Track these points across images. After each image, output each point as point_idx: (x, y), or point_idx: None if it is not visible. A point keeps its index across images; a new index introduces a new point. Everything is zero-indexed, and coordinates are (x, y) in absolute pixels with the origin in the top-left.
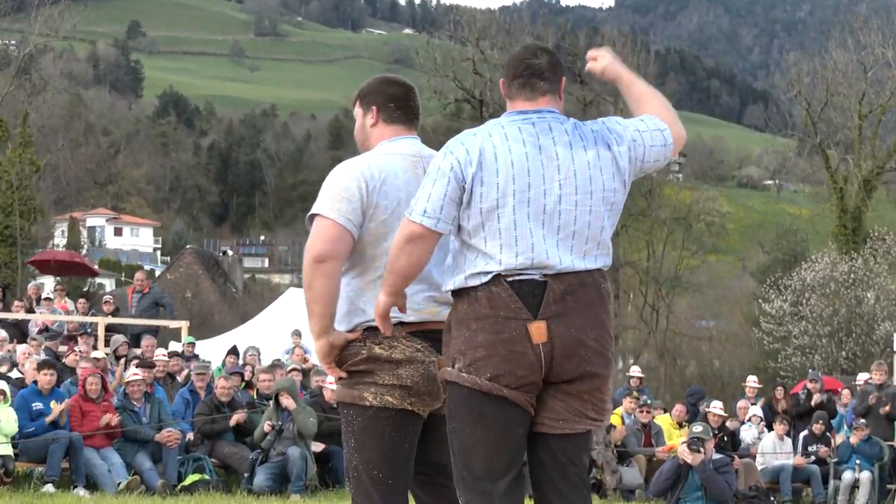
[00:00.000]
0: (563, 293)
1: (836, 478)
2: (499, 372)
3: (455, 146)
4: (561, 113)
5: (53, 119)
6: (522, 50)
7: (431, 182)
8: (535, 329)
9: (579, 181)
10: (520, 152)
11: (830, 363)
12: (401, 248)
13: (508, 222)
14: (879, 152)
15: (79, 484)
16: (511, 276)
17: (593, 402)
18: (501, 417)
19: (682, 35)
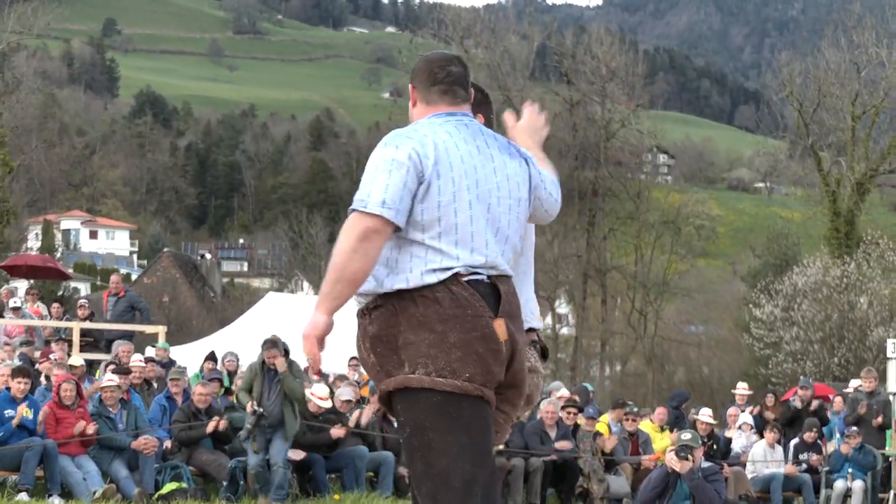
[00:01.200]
0: (509, 294)
1: (828, 487)
2: (475, 371)
3: (402, 139)
4: None
5: (27, 119)
6: (439, 57)
7: (386, 173)
8: (498, 326)
9: (511, 186)
10: (465, 149)
11: (822, 370)
12: (354, 248)
13: (465, 217)
14: (873, 154)
15: (53, 492)
16: (467, 274)
17: (510, 415)
18: (481, 418)
19: (671, 34)
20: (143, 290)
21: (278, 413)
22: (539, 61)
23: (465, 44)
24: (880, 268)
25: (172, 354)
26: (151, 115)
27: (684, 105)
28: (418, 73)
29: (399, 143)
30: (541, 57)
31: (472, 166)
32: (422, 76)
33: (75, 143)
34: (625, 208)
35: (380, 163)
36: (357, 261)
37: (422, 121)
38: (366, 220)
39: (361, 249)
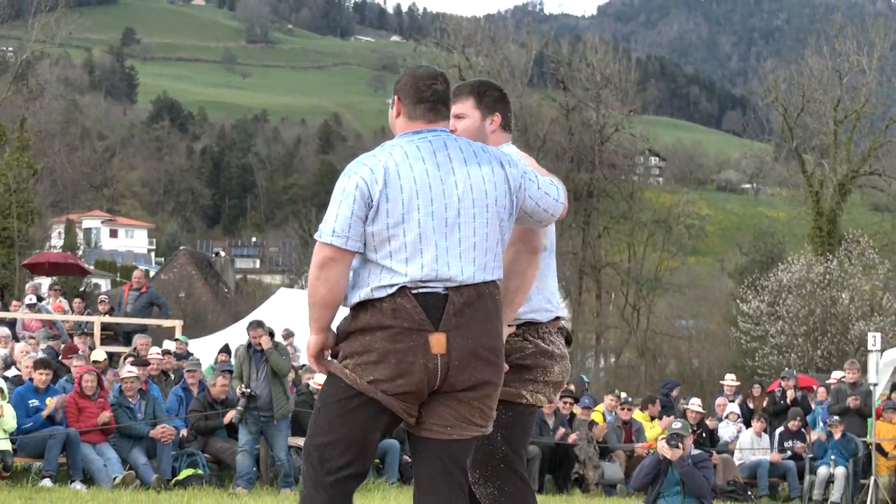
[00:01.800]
0: (463, 306)
1: (812, 473)
2: (381, 377)
3: (358, 167)
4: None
5: (50, 124)
6: (425, 74)
7: (337, 203)
8: (435, 340)
9: (476, 195)
10: (421, 169)
11: (806, 362)
12: (316, 276)
13: (414, 236)
14: (854, 157)
15: (76, 478)
16: (416, 288)
17: (481, 410)
18: (365, 419)
19: (662, 43)
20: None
21: (267, 394)
22: (537, 68)
23: (466, 52)
24: (861, 265)
25: (188, 347)
26: (168, 120)
27: (675, 110)
28: (405, 87)
29: (352, 174)
30: (538, 64)
31: (426, 185)
32: (408, 91)
33: (96, 146)
34: (618, 208)
35: (336, 194)
36: (321, 287)
37: (387, 143)
38: (322, 250)
39: (323, 276)
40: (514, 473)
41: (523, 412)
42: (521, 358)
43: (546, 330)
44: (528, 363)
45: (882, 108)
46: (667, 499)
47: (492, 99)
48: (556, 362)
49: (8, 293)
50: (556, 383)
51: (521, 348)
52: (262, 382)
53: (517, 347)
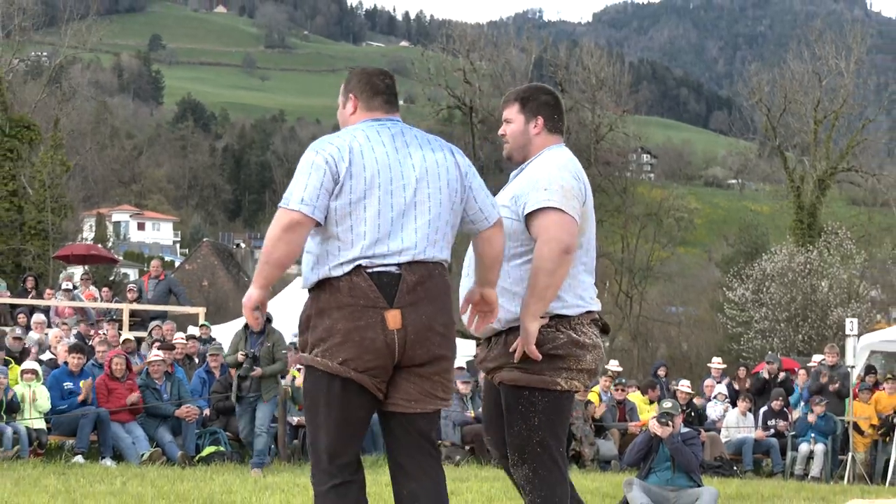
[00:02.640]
0: (416, 284)
1: (794, 449)
2: (349, 356)
3: (325, 145)
4: None
5: (82, 124)
6: (376, 71)
7: (306, 175)
8: (390, 317)
9: (430, 177)
10: (382, 151)
11: (788, 345)
12: (279, 237)
13: (374, 211)
14: (833, 154)
15: (106, 455)
16: (371, 267)
17: (442, 384)
18: (346, 398)
19: (653, 47)
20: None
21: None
22: (536, 72)
23: (470, 56)
24: (839, 255)
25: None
26: (192, 121)
27: (665, 111)
28: (359, 84)
29: (319, 149)
30: (538, 68)
31: (386, 165)
32: (363, 87)
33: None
34: (612, 202)
35: (303, 166)
36: (281, 248)
37: (349, 127)
38: (288, 215)
39: (286, 238)
40: (549, 457)
41: (559, 398)
42: (553, 348)
43: (578, 322)
44: (561, 353)
45: (859, 108)
46: (658, 474)
47: (536, 103)
48: (588, 351)
49: (42, 282)
50: (590, 370)
51: (554, 339)
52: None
53: (549, 338)
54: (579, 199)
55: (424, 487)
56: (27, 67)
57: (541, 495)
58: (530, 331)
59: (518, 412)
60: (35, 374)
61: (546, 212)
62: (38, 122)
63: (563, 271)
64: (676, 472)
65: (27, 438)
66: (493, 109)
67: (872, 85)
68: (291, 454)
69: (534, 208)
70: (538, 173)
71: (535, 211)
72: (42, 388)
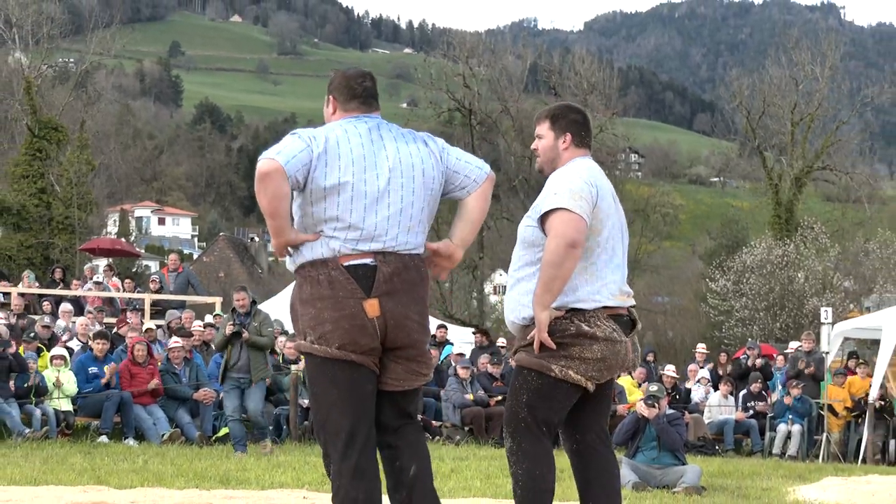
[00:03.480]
0: (391, 275)
1: (772, 430)
2: (344, 341)
3: (303, 132)
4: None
5: (106, 126)
6: (355, 73)
7: (291, 141)
8: (368, 306)
9: (404, 167)
10: (357, 143)
11: (766, 333)
12: (258, 189)
13: (347, 197)
14: (808, 154)
15: (129, 435)
16: (347, 260)
17: (424, 363)
18: (351, 378)
19: (641, 54)
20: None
21: (246, 358)
22: (531, 77)
23: (469, 62)
24: (815, 248)
25: None
26: (209, 123)
27: (652, 113)
28: (339, 87)
29: (298, 132)
30: (533, 73)
31: (360, 155)
32: (342, 89)
33: (146, 145)
34: None
35: (288, 137)
36: (263, 198)
37: (328, 124)
38: (261, 164)
39: (261, 188)
40: (532, 434)
41: (552, 384)
42: (560, 336)
43: (593, 315)
44: (566, 342)
45: (833, 111)
46: (644, 453)
47: (565, 121)
48: (597, 342)
49: (69, 274)
50: (597, 360)
51: (564, 329)
52: (242, 347)
53: (560, 328)
54: (589, 202)
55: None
56: (55, 73)
57: (522, 467)
58: (541, 319)
59: (514, 389)
60: (63, 360)
61: (555, 212)
62: (65, 124)
63: (571, 265)
64: (662, 451)
65: (55, 420)
66: (491, 112)
67: (845, 89)
68: (302, 434)
69: (544, 210)
70: (552, 181)
71: (546, 213)
72: (69, 373)
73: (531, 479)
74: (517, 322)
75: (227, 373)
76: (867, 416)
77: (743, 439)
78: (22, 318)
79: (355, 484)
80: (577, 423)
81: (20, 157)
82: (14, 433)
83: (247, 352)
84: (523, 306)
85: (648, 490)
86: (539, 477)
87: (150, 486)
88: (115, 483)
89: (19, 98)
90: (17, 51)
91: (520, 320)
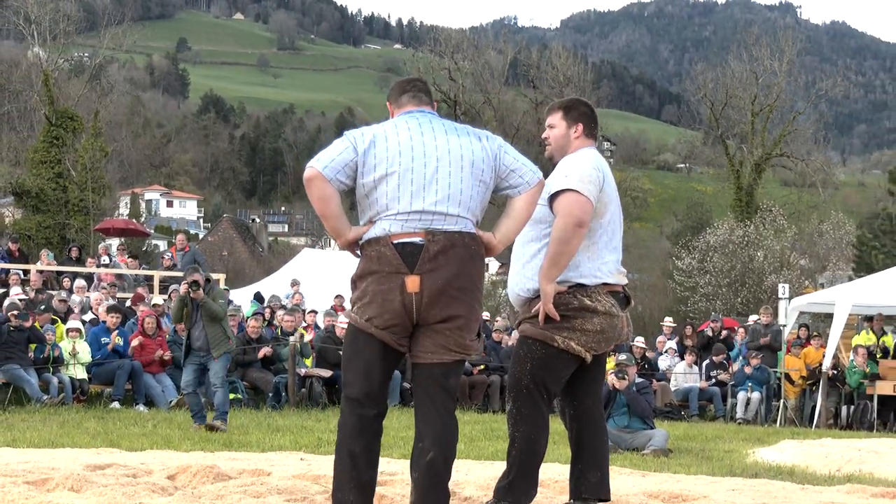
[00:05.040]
0: (437, 253)
1: (733, 397)
2: (373, 315)
3: (352, 130)
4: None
5: (118, 115)
6: (407, 79)
7: (333, 147)
8: (409, 281)
9: (452, 157)
10: (406, 136)
11: (728, 307)
12: (309, 195)
13: (394, 185)
14: (767, 142)
15: (139, 402)
16: (397, 238)
17: (454, 338)
18: (369, 350)
19: (613, 50)
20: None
21: (204, 336)
22: (511, 71)
23: (454, 57)
24: (773, 229)
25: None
26: (214, 113)
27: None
28: (393, 92)
29: (346, 133)
30: (513, 67)
31: (408, 147)
32: (395, 92)
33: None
34: None
35: (332, 145)
36: (315, 203)
37: (387, 121)
38: (306, 171)
39: (311, 193)
40: (532, 400)
41: (555, 354)
42: (564, 309)
43: (594, 291)
44: (569, 314)
45: (790, 103)
46: (615, 419)
47: (577, 112)
48: (597, 315)
49: (84, 252)
50: (597, 332)
51: (567, 303)
52: (199, 325)
53: (563, 302)
54: (596, 185)
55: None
56: (71, 66)
57: (520, 430)
58: (547, 291)
59: (518, 357)
60: (78, 332)
61: (564, 192)
62: (80, 114)
63: (577, 242)
64: (632, 417)
65: (71, 387)
66: (475, 103)
67: (801, 83)
68: (300, 401)
69: (554, 191)
70: (563, 165)
71: (556, 193)
72: (84, 344)
73: (527, 442)
74: (522, 294)
75: (190, 352)
76: (821, 384)
77: (706, 405)
78: (40, 294)
79: (353, 440)
80: (576, 391)
81: (39, 144)
82: (33, 399)
83: (203, 330)
84: (528, 279)
85: (619, 452)
86: (534, 440)
87: (159, 449)
88: (127, 446)
89: (38, 90)
90: (36, 46)
91: (524, 292)
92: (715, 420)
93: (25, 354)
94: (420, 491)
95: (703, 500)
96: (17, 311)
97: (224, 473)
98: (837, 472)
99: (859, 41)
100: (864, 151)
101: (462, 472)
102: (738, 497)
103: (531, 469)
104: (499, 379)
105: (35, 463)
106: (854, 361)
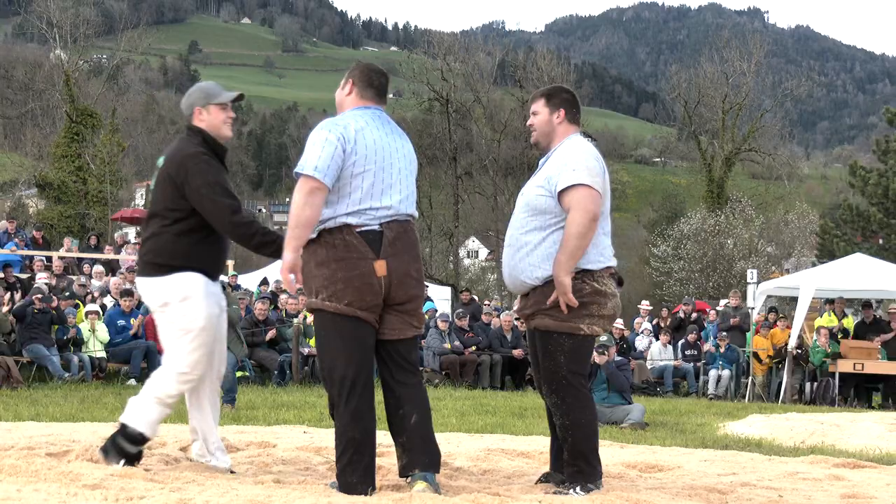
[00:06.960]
0: (394, 239)
1: (705, 374)
2: (353, 299)
3: (335, 126)
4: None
5: (134, 113)
6: (375, 68)
7: (319, 147)
8: (378, 266)
9: (406, 160)
10: (375, 135)
11: (701, 291)
12: (304, 202)
13: (369, 183)
14: (737, 138)
15: None
16: (358, 227)
17: (416, 316)
18: (355, 332)
19: (594, 52)
20: None
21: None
22: (500, 71)
23: (446, 59)
24: (742, 219)
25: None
26: None
27: (603, 103)
28: (360, 75)
29: (331, 129)
30: (501, 68)
31: (380, 146)
32: (362, 78)
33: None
34: None
35: (317, 140)
36: (308, 210)
37: (347, 112)
38: (308, 182)
39: (310, 202)
40: (573, 388)
41: (582, 341)
42: (579, 297)
43: (600, 275)
44: (586, 300)
45: (758, 101)
46: (596, 394)
47: (558, 99)
48: (609, 299)
49: (102, 240)
50: (610, 316)
51: (580, 289)
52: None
53: (577, 289)
54: (601, 177)
55: (408, 396)
56: (90, 67)
57: (570, 417)
58: (565, 283)
59: (548, 352)
60: (97, 315)
61: (576, 187)
62: (99, 112)
63: (591, 235)
64: (611, 392)
65: (90, 366)
66: (465, 101)
67: (769, 83)
68: (303, 378)
69: (565, 185)
70: (566, 157)
71: (567, 188)
72: (102, 325)
73: (582, 427)
74: (528, 282)
75: None
76: (786, 362)
77: (680, 382)
78: (62, 279)
79: (354, 425)
80: None
81: (60, 140)
82: (55, 377)
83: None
84: (536, 267)
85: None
86: (587, 423)
87: (173, 423)
88: None
89: (59, 89)
90: (58, 48)
91: (532, 280)
92: (688, 396)
93: (49, 335)
94: (417, 449)
95: (678, 470)
96: (42, 295)
97: (233, 445)
98: (802, 444)
99: (822, 44)
100: (826, 146)
101: (454, 444)
102: (709, 467)
103: (595, 448)
104: (489, 358)
105: (57, 436)
106: (817, 341)
